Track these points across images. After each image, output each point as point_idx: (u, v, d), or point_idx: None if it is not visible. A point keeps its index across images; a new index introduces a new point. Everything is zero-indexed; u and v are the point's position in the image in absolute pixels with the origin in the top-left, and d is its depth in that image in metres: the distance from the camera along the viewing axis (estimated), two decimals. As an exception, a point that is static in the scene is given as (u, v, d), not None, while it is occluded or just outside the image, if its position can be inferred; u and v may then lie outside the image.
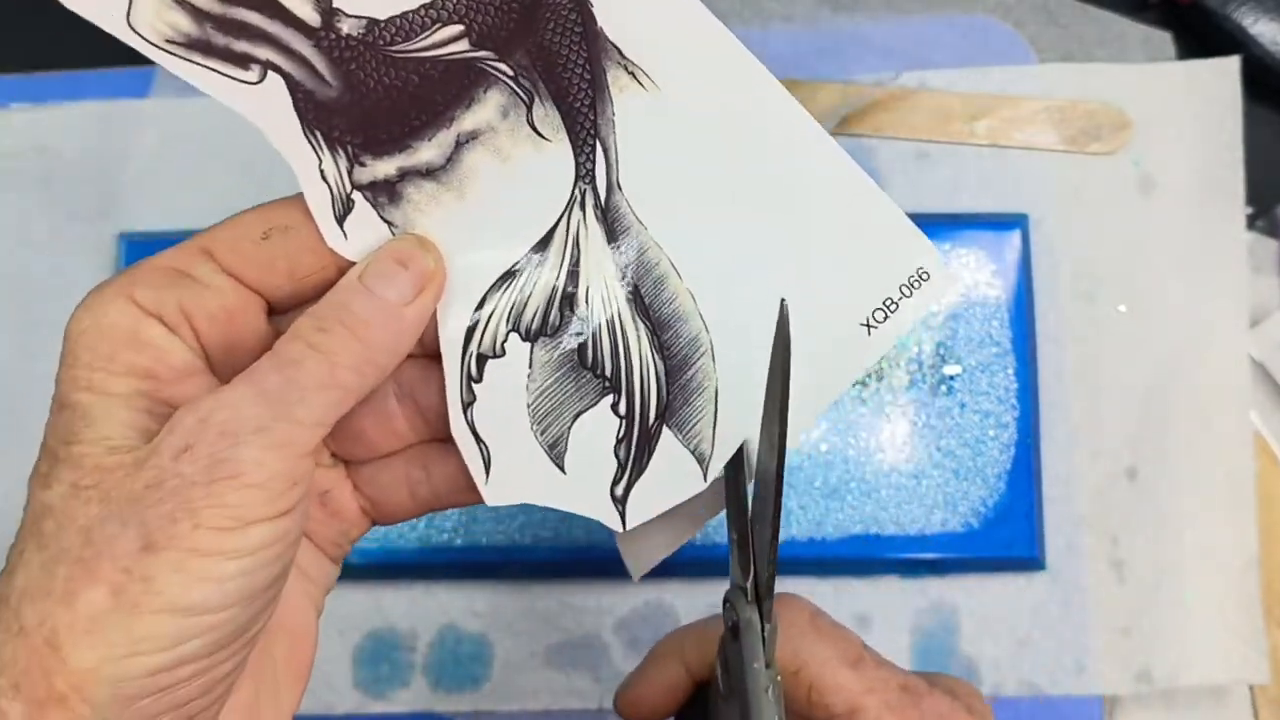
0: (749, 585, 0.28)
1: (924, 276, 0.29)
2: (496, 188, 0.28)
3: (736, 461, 0.29)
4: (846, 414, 0.47)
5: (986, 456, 0.47)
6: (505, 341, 0.29)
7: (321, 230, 0.27)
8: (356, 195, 0.27)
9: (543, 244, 0.28)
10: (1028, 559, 0.46)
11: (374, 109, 0.27)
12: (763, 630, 0.28)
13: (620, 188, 0.28)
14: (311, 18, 0.26)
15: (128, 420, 0.25)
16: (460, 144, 0.28)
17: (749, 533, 0.28)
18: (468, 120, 0.28)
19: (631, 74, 0.28)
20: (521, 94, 0.28)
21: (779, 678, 0.28)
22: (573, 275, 0.29)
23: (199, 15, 0.26)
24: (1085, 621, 0.47)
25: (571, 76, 0.28)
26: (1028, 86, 0.50)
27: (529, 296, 0.28)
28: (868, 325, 0.29)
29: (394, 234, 0.28)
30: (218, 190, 0.50)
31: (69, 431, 0.25)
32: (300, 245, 0.27)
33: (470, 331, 0.28)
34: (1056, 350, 0.48)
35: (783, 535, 0.46)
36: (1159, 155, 0.49)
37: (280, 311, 0.28)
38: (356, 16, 0.27)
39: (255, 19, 0.26)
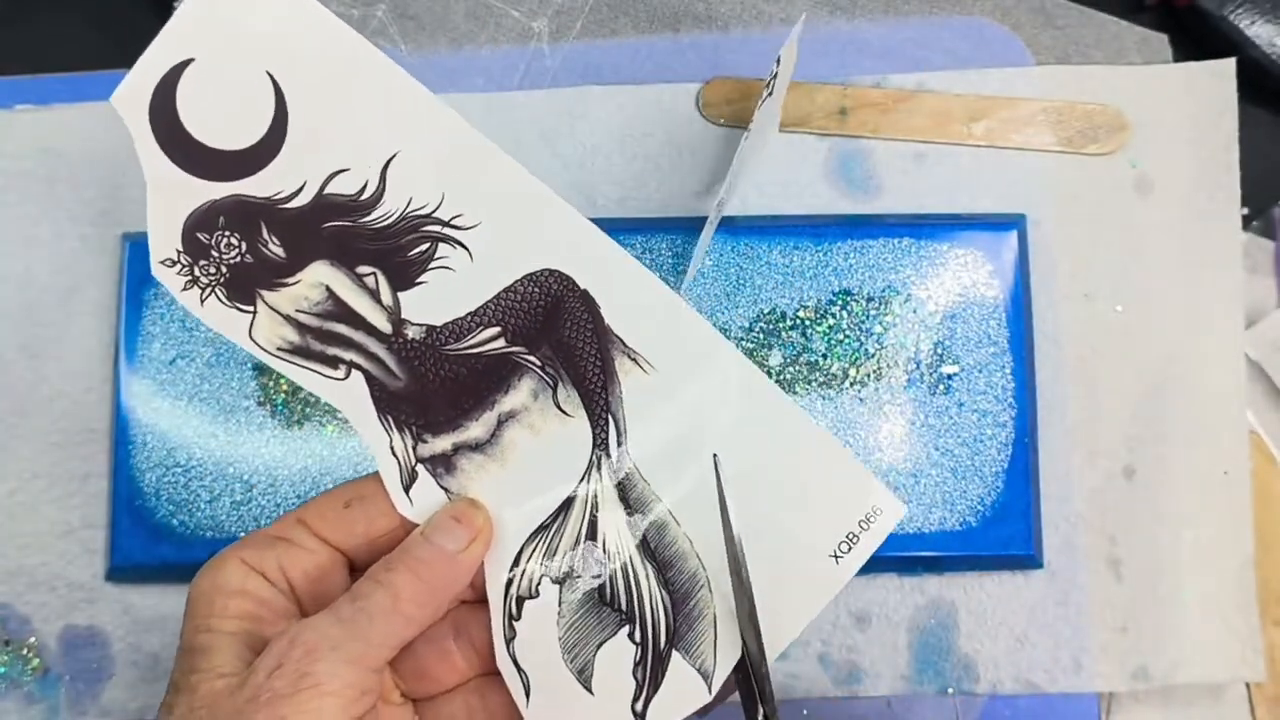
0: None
1: (878, 512, 0.35)
2: (531, 457, 0.35)
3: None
4: (846, 413, 0.47)
5: (984, 455, 0.47)
6: (539, 585, 0.35)
7: (392, 498, 0.34)
8: (420, 468, 0.34)
9: (568, 503, 0.35)
10: (1025, 557, 0.47)
11: (433, 396, 0.34)
12: None
13: (628, 453, 0.35)
14: (384, 326, 0.34)
15: (235, 653, 0.31)
16: (501, 422, 0.35)
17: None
18: (507, 403, 0.35)
19: (633, 360, 0.35)
20: (548, 379, 0.35)
21: None
22: (592, 527, 0.35)
23: (302, 329, 0.34)
24: (1082, 619, 0.47)
25: (587, 363, 0.35)
26: (1025, 88, 0.50)
27: (558, 546, 0.35)
28: (835, 556, 0.34)
29: (450, 499, 0.34)
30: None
31: (189, 666, 0.31)
32: (376, 511, 0.34)
33: (510, 579, 0.35)
34: (1054, 350, 0.48)
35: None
36: (1156, 156, 0.50)
37: (361, 568, 0.33)
38: (419, 324, 0.34)
39: (343, 330, 0.34)
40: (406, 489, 0.34)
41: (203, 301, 0.34)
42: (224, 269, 0.34)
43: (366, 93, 0.34)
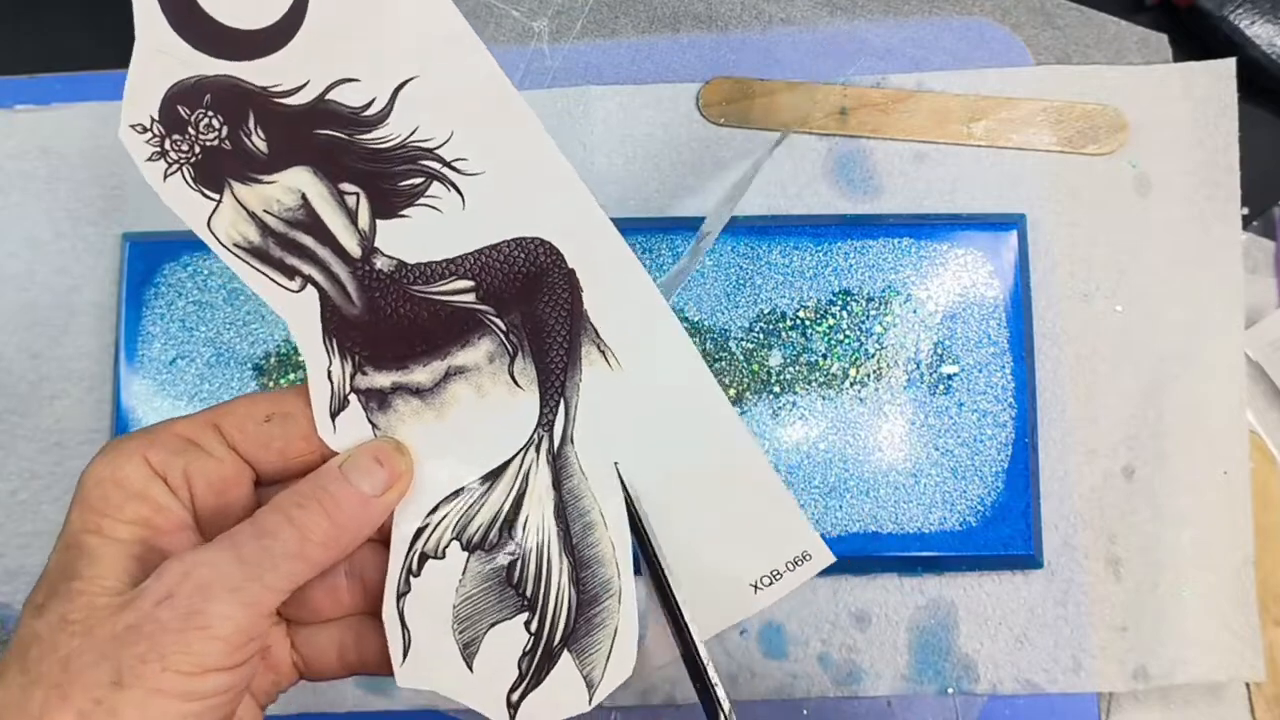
0: None
1: (806, 557, 0.34)
2: (470, 417, 0.33)
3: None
4: (845, 413, 0.47)
5: (984, 455, 0.47)
6: (447, 547, 0.33)
7: (316, 421, 0.32)
8: (352, 397, 0.33)
9: (498, 472, 0.33)
10: (1025, 557, 0.47)
11: (386, 332, 0.33)
12: None
13: (572, 441, 0.33)
14: (354, 250, 0.32)
15: (123, 566, 0.29)
16: (449, 374, 0.33)
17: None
18: (460, 357, 0.33)
19: (602, 351, 0.33)
20: (509, 346, 0.33)
21: None
22: (516, 504, 0.33)
23: (265, 230, 0.32)
24: (1082, 619, 0.47)
25: (553, 342, 0.33)
26: (1025, 88, 0.50)
27: (476, 514, 0.33)
28: (755, 586, 0.34)
29: (376, 435, 0.33)
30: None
31: (70, 569, 0.29)
32: (296, 431, 0.32)
33: (419, 532, 0.33)
34: (1054, 349, 0.48)
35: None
36: (1155, 156, 0.50)
37: (266, 484, 0.32)
38: (390, 256, 0.32)
39: (309, 242, 0.32)
40: (333, 415, 0.32)
41: (165, 177, 0.31)
42: (197, 149, 0.31)
43: (398, 5, 0.31)
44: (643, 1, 0.51)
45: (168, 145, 0.31)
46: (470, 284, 0.33)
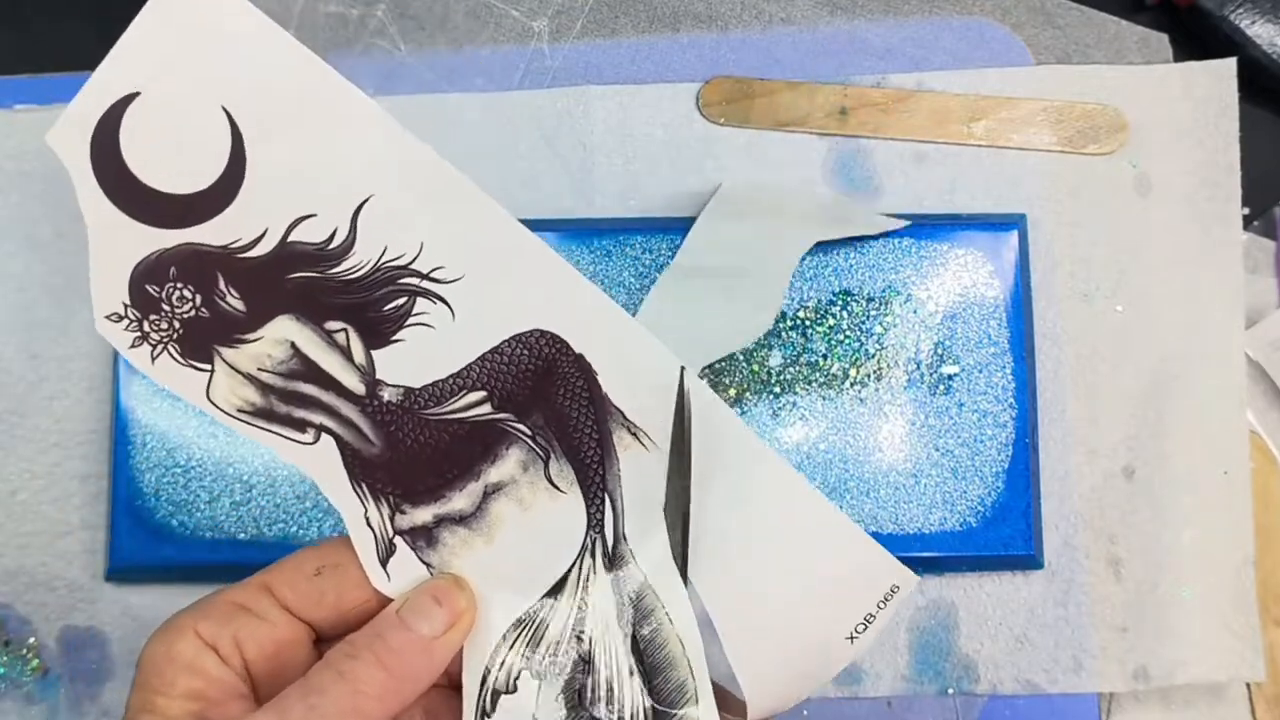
0: None
1: (895, 590, 0.32)
2: (519, 535, 0.32)
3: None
4: (845, 413, 0.47)
5: (984, 455, 0.47)
6: (518, 679, 0.31)
7: (367, 570, 0.31)
8: (398, 540, 0.31)
9: (557, 588, 0.32)
10: (1025, 557, 0.47)
11: (412, 464, 0.31)
12: None
13: (625, 538, 0.32)
14: (357, 387, 0.31)
15: None
16: (488, 494, 0.32)
17: None
18: (493, 473, 0.32)
19: (634, 435, 0.31)
20: (539, 451, 0.32)
21: None
22: (580, 619, 0.32)
23: (265, 389, 0.31)
24: (1083, 620, 0.47)
25: (582, 436, 0.31)
26: (1025, 88, 0.50)
27: (542, 638, 0.32)
28: (851, 637, 0.32)
29: (431, 574, 0.31)
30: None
31: None
32: (348, 581, 0.31)
33: (489, 667, 0.31)
34: (1054, 350, 0.48)
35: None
36: (1156, 156, 0.50)
37: (327, 640, 0.31)
38: (395, 385, 0.31)
39: (311, 390, 0.31)
40: (383, 562, 0.31)
41: (154, 359, 0.31)
42: (177, 324, 0.31)
43: (335, 130, 0.30)
44: (643, 1, 0.51)
45: (147, 327, 0.31)
46: (482, 394, 0.31)
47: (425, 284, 0.31)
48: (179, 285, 0.30)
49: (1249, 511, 0.48)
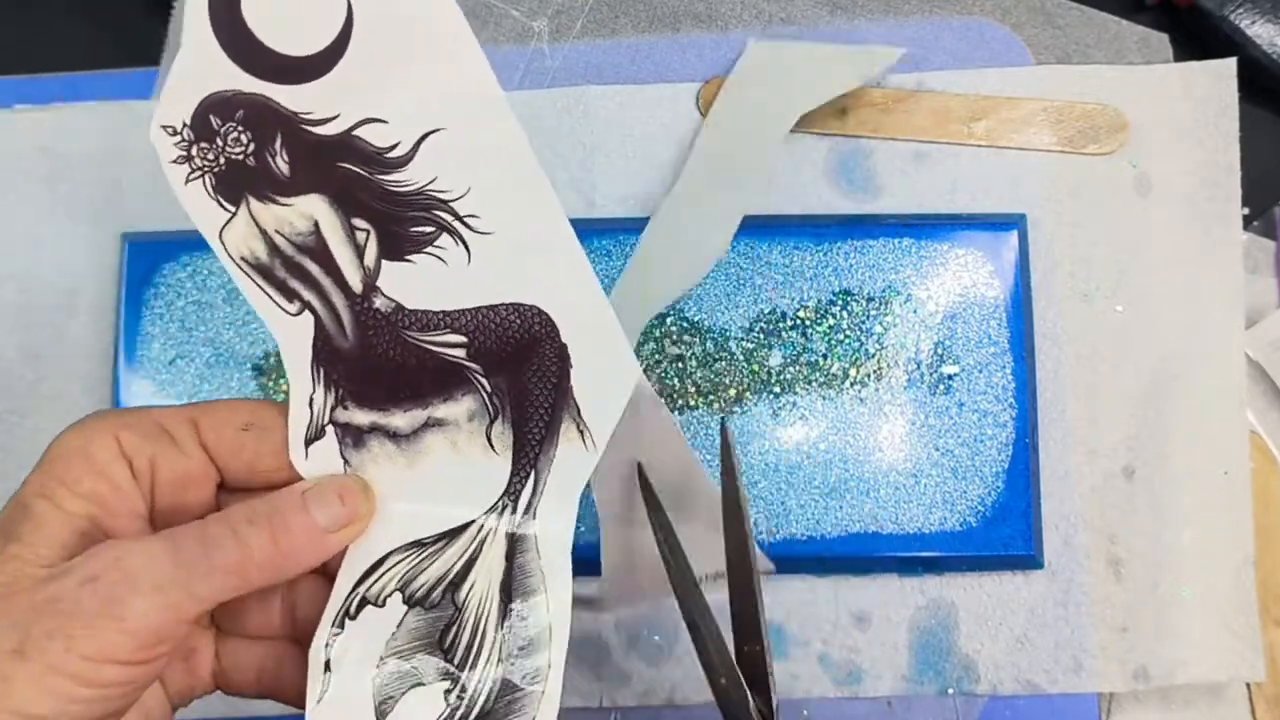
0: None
1: None
2: (440, 471, 0.33)
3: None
4: (846, 413, 0.47)
5: (984, 455, 0.47)
6: (389, 597, 0.33)
7: (290, 444, 0.32)
8: (329, 428, 0.33)
9: (455, 532, 0.33)
10: (1025, 557, 0.47)
11: (373, 371, 0.33)
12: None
13: (535, 516, 0.33)
14: (356, 285, 0.32)
15: (64, 539, 0.28)
16: (428, 425, 0.33)
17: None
18: (441, 410, 0.33)
19: (581, 431, 0.33)
20: (490, 408, 0.33)
21: None
22: (466, 568, 0.33)
23: (273, 250, 0.32)
24: (1082, 620, 0.47)
25: (535, 413, 0.33)
26: (1025, 88, 0.50)
27: (425, 569, 0.33)
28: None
29: (345, 471, 0.33)
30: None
31: (12, 530, 0.28)
32: (269, 447, 0.32)
33: (365, 575, 0.33)
34: (1054, 350, 0.48)
35: (782, 534, 0.46)
36: (1156, 156, 0.50)
37: (229, 490, 0.32)
38: (390, 298, 0.33)
39: (314, 269, 0.32)
40: (308, 443, 0.33)
41: (187, 181, 0.32)
42: (222, 160, 0.32)
43: (437, 58, 0.31)
44: (643, 1, 0.51)
45: (194, 151, 0.32)
46: (463, 340, 0.33)
47: (456, 224, 0.32)
48: (239, 128, 0.31)
49: (1249, 511, 0.48)
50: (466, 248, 0.33)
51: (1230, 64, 0.50)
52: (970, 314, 0.48)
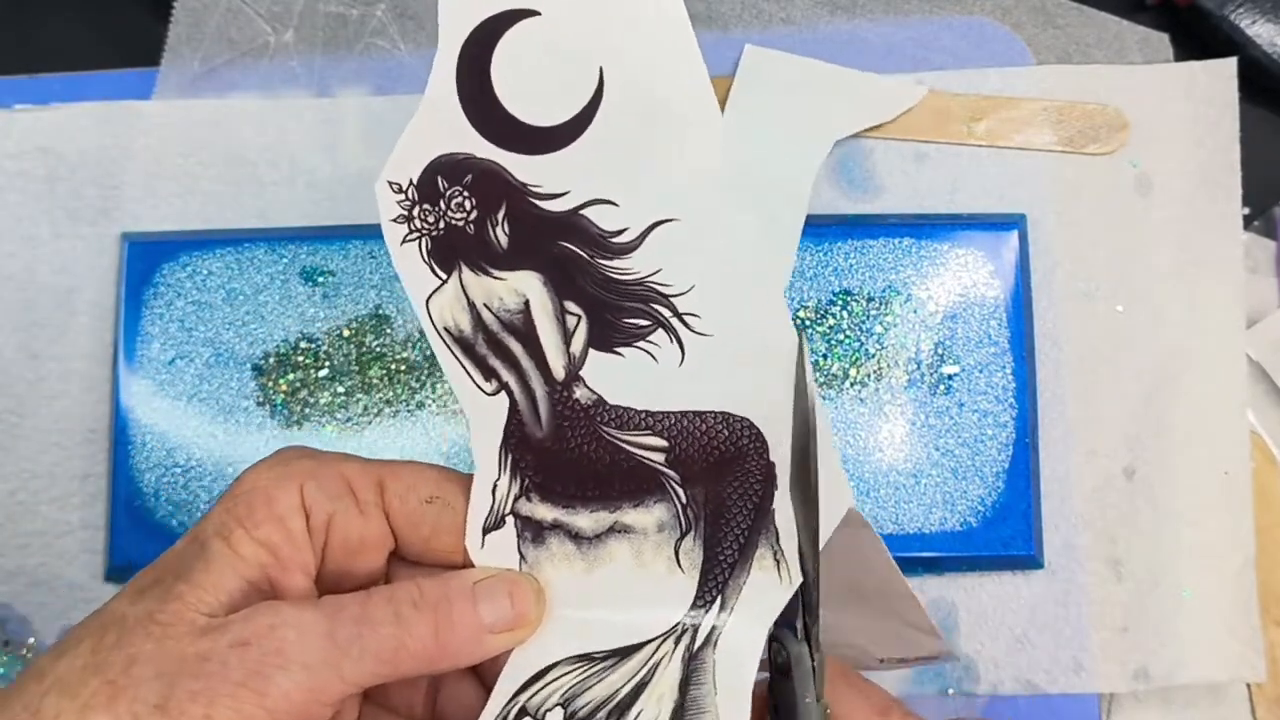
0: (799, 623, 0.30)
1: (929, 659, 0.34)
2: (620, 582, 0.31)
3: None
4: (846, 413, 0.47)
5: (985, 455, 0.47)
6: (549, 712, 0.30)
7: (468, 529, 0.31)
8: (510, 519, 0.31)
9: (628, 651, 0.31)
10: (1026, 558, 0.46)
11: (563, 464, 0.31)
12: (813, 663, 0.30)
13: (715, 647, 0.30)
14: (559, 372, 0.31)
15: (230, 589, 0.28)
16: (613, 529, 0.31)
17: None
18: (630, 516, 0.31)
19: (777, 560, 0.30)
20: (683, 521, 0.31)
21: (829, 711, 0.30)
22: (635, 693, 0.30)
23: (478, 324, 0.31)
24: (1083, 620, 0.47)
25: (731, 533, 0.31)
26: (1026, 88, 0.50)
27: (591, 688, 0.30)
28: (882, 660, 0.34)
29: (520, 568, 0.31)
30: (218, 191, 0.50)
31: (185, 567, 0.28)
32: (450, 524, 0.31)
33: (527, 685, 0.31)
34: (1054, 350, 0.48)
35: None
36: (1156, 156, 0.50)
37: (397, 557, 0.31)
38: (592, 390, 0.31)
39: (517, 349, 0.31)
40: (485, 531, 0.31)
41: (404, 241, 0.31)
42: (442, 224, 0.30)
43: (683, 145, 0.30)
44: (643, 1, 0.51)
45: (415, 213, 0.31)
46: (664, 444, 0.31)
47: (674, 320, 0.30)
48: (465, 193, 0.30)
49: (1249, 511, 0.48)
50: (682, 347, 0.30)
51: (1230, 64, 0.50)
52: (970, 314, 0.48)
